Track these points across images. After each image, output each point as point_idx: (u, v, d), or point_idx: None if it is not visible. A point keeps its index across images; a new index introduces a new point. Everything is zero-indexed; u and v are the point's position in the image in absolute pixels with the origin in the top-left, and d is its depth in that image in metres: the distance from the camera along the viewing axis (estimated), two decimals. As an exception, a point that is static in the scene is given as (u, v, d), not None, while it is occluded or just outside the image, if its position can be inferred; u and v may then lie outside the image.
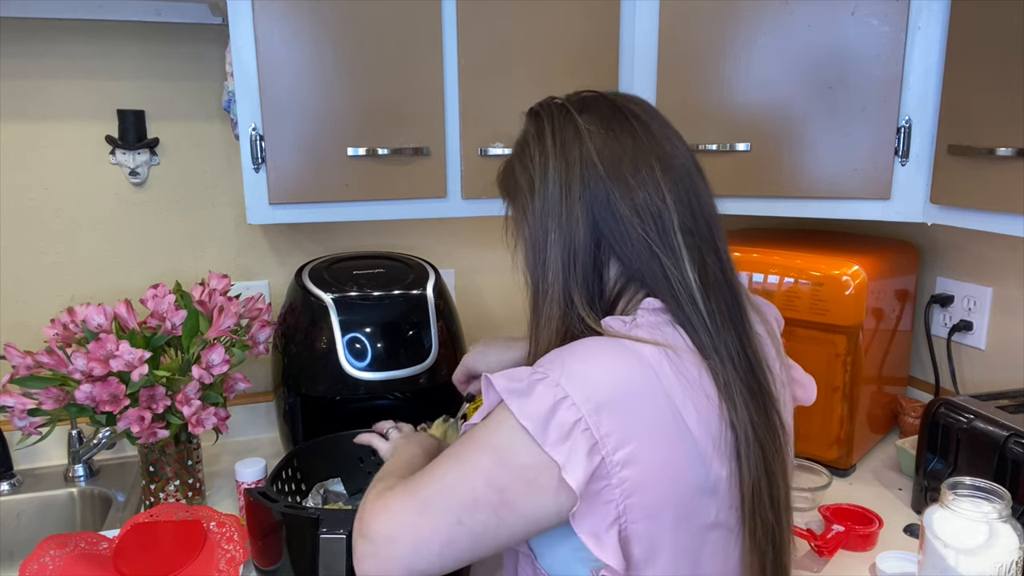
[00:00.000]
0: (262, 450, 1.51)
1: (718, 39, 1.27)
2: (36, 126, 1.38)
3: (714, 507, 0.68)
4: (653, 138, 0.75)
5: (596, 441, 0.63)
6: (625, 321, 0.71)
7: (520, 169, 0.79)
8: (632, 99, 0.80)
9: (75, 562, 1.07)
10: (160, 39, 1.41)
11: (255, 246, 1.54)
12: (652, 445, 0.65)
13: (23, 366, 1.14)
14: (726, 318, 0.71)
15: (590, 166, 0.73)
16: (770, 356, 0.77)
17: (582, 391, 0.64)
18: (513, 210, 0.81)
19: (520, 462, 0.64)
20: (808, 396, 0.90)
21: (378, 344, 1.24)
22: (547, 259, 0.75)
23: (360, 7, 1.19)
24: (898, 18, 1.15)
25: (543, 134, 0.77)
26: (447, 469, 0.67)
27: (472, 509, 0.65)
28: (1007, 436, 1.07)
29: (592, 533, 0.64)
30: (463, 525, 0.65)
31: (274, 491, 1.02)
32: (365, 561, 0.66)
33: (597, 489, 0.64)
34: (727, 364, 0.69)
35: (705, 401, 0.67)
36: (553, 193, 0.74)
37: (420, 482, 0.68)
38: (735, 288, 0.74)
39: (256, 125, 1.18)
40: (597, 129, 0.75)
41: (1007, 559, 0.85)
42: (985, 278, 1.43)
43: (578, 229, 0.73)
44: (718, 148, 1.30)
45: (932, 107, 1.17)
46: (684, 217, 0.72)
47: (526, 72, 1.29)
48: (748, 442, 0.68)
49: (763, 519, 0.69)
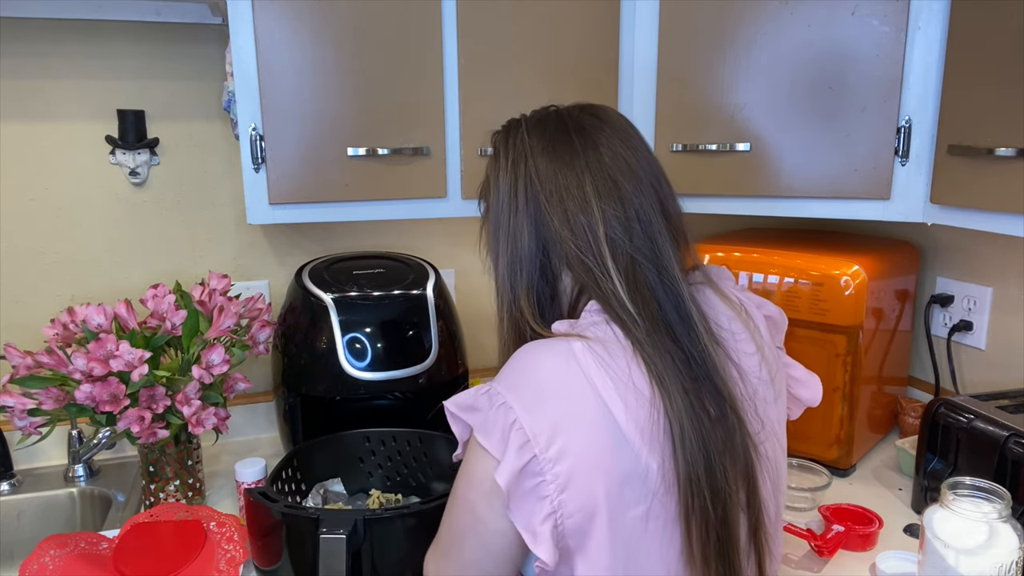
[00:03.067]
0: (262, 450, 1.51)
1: (718, 39, 1.27)
2: (36, 126, 1.38)
3: (647, 497, 0.69)
4: (594, 150, 0.79)
5: (528, 439, 0.67)
6: (572, 324, 0.76)
7: (486, 182, 0.87)
8: (590, 110, 0.84)
9: (75, 562, 1.07)
10: (160, 39, 1.41)
11: (255, 246, 1.54)
12: (580, 435, 0.68)
13: (23, 366, 1.14)
14: (658, 319, 0.74)
15: (531, 183, 0.79)
16: (744, 352, 0.78)
17: (514, 392, 0.70)
18: (484, 218, 0.89)
19: (478, 476, 0.71)
20: (813, 396, 0.91)
21: (378, 344, 1.24)
22: (499, 267, 0.82)
23: (360, 7, 1.19)
24: (898, 18, 1.15)
25: (498, 151, 0.84)
26: (449, 509, 0.76)
27: (461, 536, 0.73)
28: (1007, 436, 1.07)
29: (527, 527, 0.68)
30: (465, 555, 0.73)
31: (274, 491, 1.02)
32: None
33: (531, 485, 0.67)
34: (665, 359, 0.71)
35: (633, 390, 0.69)
36: (504, 206, 0.81)
37: (441, 532, 0.78)
38: (676, 289, 0.76)
39: (256, 125, 1.18)
40: (539, 146, 0.81)
41: (1007, 559, 0.85)
42: (985, 278, 1.43)
43: (523, 241, 0.80)
44: (718, 148, 1.30)
45: (932, 107, 1.17)
46: (613, 227, 0.76)
47: (526, 72, 1.29)
48: (684, 434, 0.69)
49: (701, 507, 0.70)
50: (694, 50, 1.30)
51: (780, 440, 0.83)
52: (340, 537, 0.85)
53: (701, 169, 1.33)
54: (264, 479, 1.20)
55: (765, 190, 1.29)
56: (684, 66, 1.31)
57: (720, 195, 1.33)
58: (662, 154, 1.35)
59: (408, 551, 0.92)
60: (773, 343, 0.86)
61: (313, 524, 0.87)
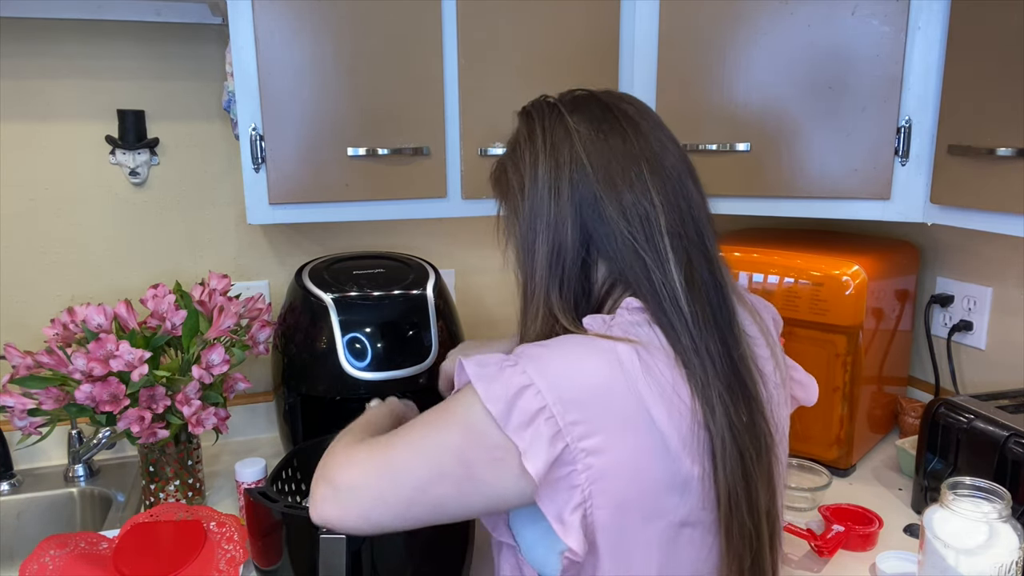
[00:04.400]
0: (262, 450, 1.51)
1: (718, 39, 1.27)
2: (36, 126, 1.38)
3: (685, 505, 0.68)
4: (643, 139, 0.76)
5: (560, 429, 0.64)
6: (605, 320, 0.72)
7: (512, 169, 0.80)
8: (625, 98, 0.80)
9: (75, 562, 1.07)
10: (160, 39, 1.41)
11: (255, 246, 1.54)
12: (619, 438, 0.65)
13: (23, 366, 1.14)
14: (710, 319, 0.71)
15: (579, 167, 0.74)
16: (761, 356, 0.77)
17: (547, 381, 0.65)
18: (505, 210, 0.82)
19: (488, 441, 0.66)
20: (809, 396, 0.91)
21: (378, 344, 1.24)
22: (535, 259, 0.76)
23: (360, 7, 1.19)
24: (898, 18, 1.15)
25: (534, 134, 0.78)
26: (420, 437, 0.70)
27: (437, 480, 0.67)
28: (1007, 436, 1.07)
29: (557, 516, 0.66)
30: (425, 493, 0.68)
31: (274, 491, 1.02)
32: (324, 504, 0.71)
33: (563, 474, 0.65)
34: (707, 366, 0.69)
35: (676, 400, 0.67)
36: (542, 194, 0.75)
37: (392, 444, 0.70)
38: (723, 289, 0.74)
39: (256, 125, 1.18)
40: (587, 130, 0.75)
41: (1007, 559, 0.85)
42: (985, 278, 1.43)
43: (566, 230, 0.74)
44: (718, 148, 1.30)
45: (932, 107, 1.17)
46: (672, 219, 0.73)
47: (526, 72, 1.29)
48: (725, 445, 0.68)
49: (740, 522, 0.69)
50: (694, 50, 1.30)
51: (787, 442, 0.83)
52: (340, 537, 0.84)
53: (701, 169, 1.31)
54: (264, 479, 1.20)
55: (765, 190, 1.29)
56: (684, 66, 1.31)
57: (720, 195, 1.33)
58: (662, 154, 1.35)
59: (408, 551, 0.92)
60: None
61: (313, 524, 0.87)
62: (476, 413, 0.66)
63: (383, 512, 0.69)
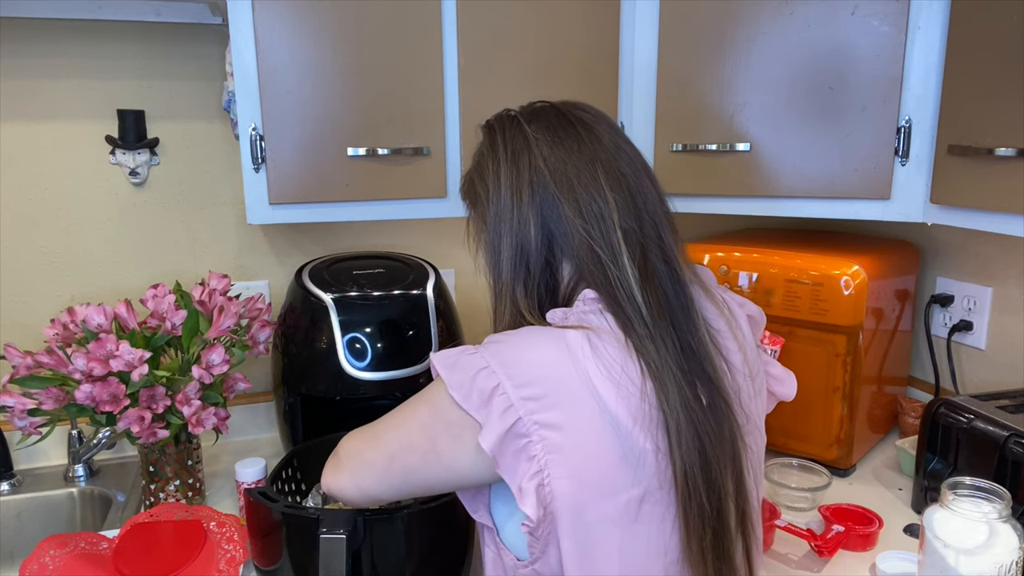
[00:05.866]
0: (262, 450, 1.51)
1: (718, 39, 1.27)
2: (36, 126, 1.38)
3: (641, 480, 0.71)
4: (598, 142, 0.80)
5: (512, 404, 0.69)
6: (565, 312, 0.77)
7: (478, 179, 0.86)
8: (581, 106, 0.85)
9: (75, 562, 1.07)
10: (160, 39, 1.41)
11: (255, 246, 1.54)
12: (571, 416, 0.69)
13: (23, 366, 1.14)
14: (665, 307, 0.75)
15: (538, 172, 0.79)
16: (728, 348, 0.80)
17: (500, 361, 0.71)
18: (474, 218, 0.88)
19: (448, 418, 0.73)
20: (787, 391, 0.94)
21: (378, 344, 1.24)
22: (501, 261, 0.82)
23: (360, 7, 1.19)
24: (898, 18, 1.15)
25: (496, 145, 0.84)
26: (399, 414, 0.79)
27: (406, 450, 0.76)
28: (1007, 436, 1.07)
29: (517, 486, 0.70)
30: (397, 461, 0.77)
31: (274, 491, 1.02)
32: (328, 473, 0.82)
33: (519, 445, 0.70)
34: (661, 350, 0.73)
35: (625, 380, 0.71)
36: (505, 200, 0.81)
37: (380, 420, 0.81)
38: (680, 280, 0.78)
39: (256, 125, 1.18)
40: (544, 136, 0.81)
41: (1007, 559, 0.85)
42: (985, 278, 1.43)
43: (528, 232, 0.79)
44: (718, 148, 1.30)
45: (932, 107, 1.17)
46: (625, 215, 0.77)
47: (526, 72, 1.29)
48: (679, 425, 0.71)
49: (698, 503, 0.72)
50: (694, 50, 1.30)
51: (762, 434, 0.86)
52: (340, 537, 0.85)
53: (701, 169, 1.33)
54: (264, 479, 1.20)
55: (765, 190, 1.29)
56: (684, 66, 1.31)
57: (720, 195, 1.33)
58: (662, 154, 1.36)
59: (408, 551, 0.92)
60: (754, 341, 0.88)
61: (313, 524, 0.87)
62: (440, 393, 0.74)
63: (367, 476, 0.78)
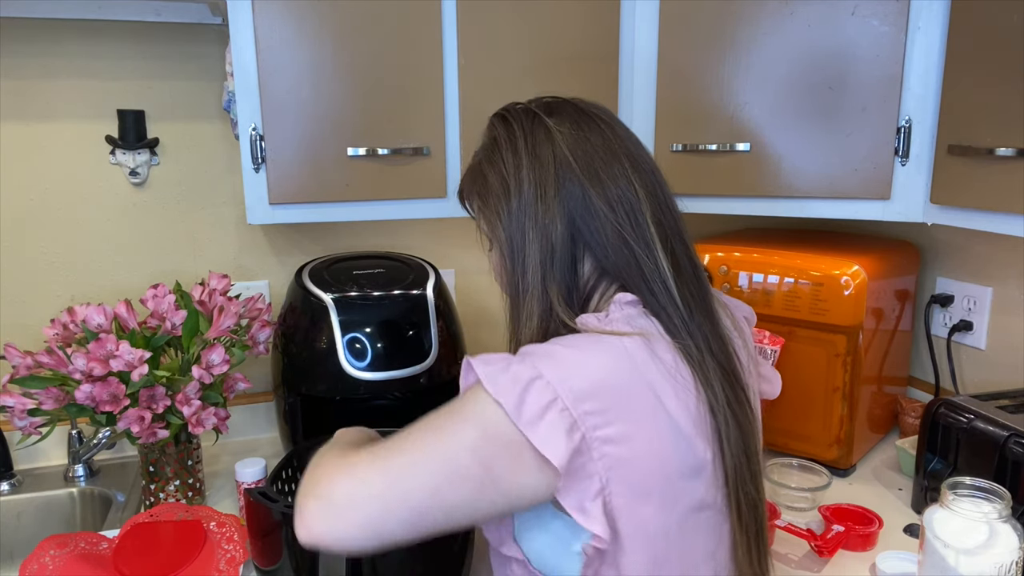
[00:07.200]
0: (262, 450, 1.51)
1: (718, 39, 1.27)
2: (36, 126, 1.38)
3: (701, 488, 0.71)
4: (619, 138, 0.79)
5: (575, 420, 0.64)
6: (599, 318, 0.73)
7: (492, 172, 0.80)
8: (595, 105, 0.83)
9: (75, 562, 1.07)
10: (160, 39, 1.41)
11: (255, 246, 1.54)
12: (635, 428, 0.66)
13: (23, 366, 1.14)
14: (698, 302, 0.75)
15: (564, 165, 0.76)
16: (738, 346, 0.80)
17: (556, 373, 0.65)
18: (485, 213, 0.82)
19: (504, 437, 0.64)
20: (773, 390, 0.95)
21: (378, 344, 1.24)
22: (526, 258, 0.76)
23: (360, 7, 1.19)
24: (898, 18, 1.15)
25: (514, 136, 0.79)
26: (426, 440, 0.66)
27: (455, 483, 0.64)
28: (1007, 436, 1.07)
29: (578, 507, 0.65)
30: (440, 497, 0.64)
31: (274, 491, 1.02)
32: (316, 522, 0.64)
33: (579, 464, 0.65)
34: (701, 346, 0.72)
35: (682, 384, 0.70)
36: (528, 193, 0.76)
37: (392, 451, 0.66)
38: (701, 276, 0.78)
39: (256, 125, 1.18)
40: (568, 130, 0.78)
41: (1007, 559, 0.85)
42: (985, 278, 1.43)
43: (555, 227, 0.75)
44: (718, 148, 1.30)
45: (932, 107, 1.17)
46: (655, 209, 0.76)
47: (526, 72, 1.29)
48: (727, 422, 0.71)
49: (746, 495, 0.73)
50: (694, 50, 1.30)
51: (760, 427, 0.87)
52: (340, 537, 0.84)
53: (701, 169, 1.33)
54: (264, 479, 1.20)
55: (765, 190, 1.29)
56: (684, 66, 1.31)
57: (720, 195, 1.33)
58: (662, 154, 1.35)
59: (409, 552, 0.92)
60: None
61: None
62: (488, 409, 0.64)
63: (388, 524, 0.64)
